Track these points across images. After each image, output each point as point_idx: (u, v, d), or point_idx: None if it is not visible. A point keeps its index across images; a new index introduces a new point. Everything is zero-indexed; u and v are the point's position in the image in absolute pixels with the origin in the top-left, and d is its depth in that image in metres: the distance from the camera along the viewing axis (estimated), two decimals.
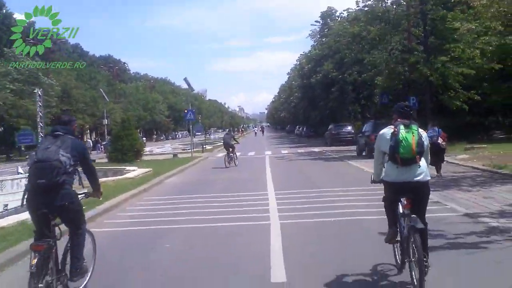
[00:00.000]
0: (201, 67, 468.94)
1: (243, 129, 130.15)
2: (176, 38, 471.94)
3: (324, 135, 46.44)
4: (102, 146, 51.41)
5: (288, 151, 36.44)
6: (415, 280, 5.25)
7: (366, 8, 30.21)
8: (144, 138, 76.04)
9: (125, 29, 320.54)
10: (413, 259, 5.33)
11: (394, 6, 28.91)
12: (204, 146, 40.61)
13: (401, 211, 5.81)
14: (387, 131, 5.78)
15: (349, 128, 41.86)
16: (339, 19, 44.25)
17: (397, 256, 6.16)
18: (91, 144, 59.12)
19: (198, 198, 13.54)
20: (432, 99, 27.40)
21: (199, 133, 46.31)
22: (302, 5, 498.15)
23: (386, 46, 30.64)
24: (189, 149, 36.57)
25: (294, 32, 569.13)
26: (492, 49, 25.73)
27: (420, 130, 5.68)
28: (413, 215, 5.48)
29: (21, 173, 22.63)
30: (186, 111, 36.29)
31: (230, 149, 25.08)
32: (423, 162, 5.62)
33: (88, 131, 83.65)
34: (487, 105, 33.88)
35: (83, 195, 5.95)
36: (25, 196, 5.25)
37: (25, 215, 9.38)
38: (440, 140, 15.43)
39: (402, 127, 5.58)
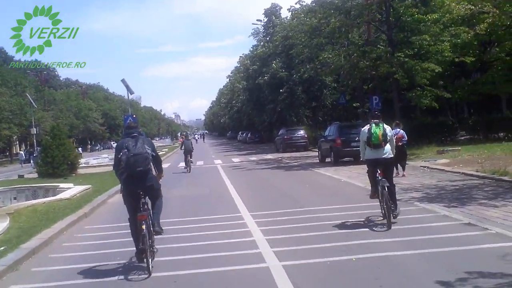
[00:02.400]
0: (135, 73, 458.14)
1: (183, 136, 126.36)
2: (108, 43, 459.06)
3: (274, 140, 43.89)
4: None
5: (240, 159, 33.60)
6: (386, 219, 8.98)
7: None
8: (80, 149, 71.16)
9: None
10: (384, 206, 9.10)
11: None
12: None
13: (377, 177, 9.39)
14: (365, 128, 9.50)
15: (302, 132, 39.43)
16: (291, 13, 41.45)
17: (382, 209, 9.36)
18: (24, 157, 54.08)
19: None
20: (399, 97, 25.29)
21: None
22: (234, 9, 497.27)
23: (344, 40, 28.48)
24: None
25: (228, 37, 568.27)
26: (460, 41, 23.91)
27: (386, 126, 9.46)
28: (383, 179, 9.23)
29: None
30: (125, 116, 32.70)
31: (189, 155, 25.86)
32: (387, 146, 9.35)
33: (17, 142, 77.83)
34: (450, 104, 32.69)
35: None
36: (123, 183, 7.42)
37: None
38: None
39: (373, 125, 9.29)
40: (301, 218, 10.37)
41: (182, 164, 28.51)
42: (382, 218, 9.30)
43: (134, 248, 7.48)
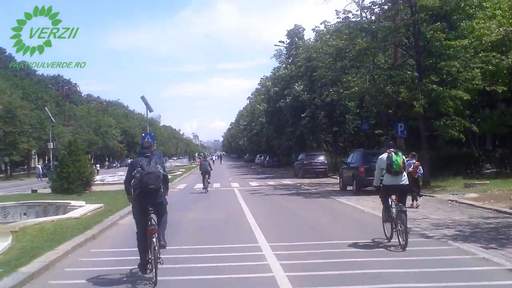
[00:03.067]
0: (155, 91, 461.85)
1: (201, 157, 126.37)
2: (130, 61, 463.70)
3: (293, 165, 42.98)
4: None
5: (257, 183, 32.74)
6: (400, 241, 9.70)
7: (348, 20, 27.23)
8: (98, 165, 70.87)
9: (76, 50, 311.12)
10: (400, 229, 9.82)
11: (380, 16, 26.07)
12: None
13: (390, 203, 10.34)
14: (383, 156, 10.33)
15: (322, 158, 38.49)
16: (315, 34, 40.72)
17: (386, 232, 10.49)
18: (41, 171, 53.65)
19: (165, 254, 9.72)
20: (427, 126, 24.26)
21: None
22: (255, 31, 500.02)
23: (369, 64, 27.62)
24: None
25: (248, 58, 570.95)
26: (492, 68, 22.88)
27: (401, 155, 10.34)
28: (400, 203, 10.06)
29: None
30: (143, 135, 32.15)
31: (207, 176, 26.05)
32: (405, 174, 10.35)
33: (36, 156, 77.87)
34: (473, 135, 31.48)
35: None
36: (135, 199, 8.02)
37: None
38: (411, 169, 16.51)
39: (393, 153, 10.18)
40: (326, 253, 9.50)
41: (199, 185, 28.30)
42: (387, 241, 10.32)
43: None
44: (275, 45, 54.40)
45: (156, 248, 7.64)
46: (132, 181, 8.02)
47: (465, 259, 8.75)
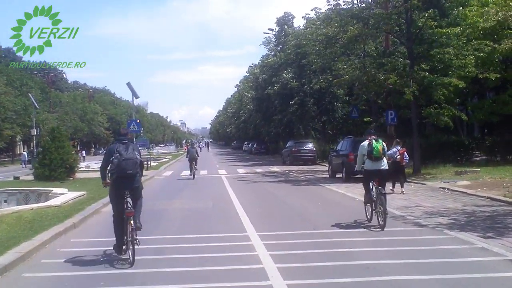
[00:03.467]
0: (143, 79, 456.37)
1: (188, 144, 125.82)
2: (118, 48, 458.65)
3: (281, 152, 42.54)
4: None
5: (245, 170, 32.30)
6: (380, 222, 10.35)
7: (339, 6, 26.68)
8: (84, 152, 70.00)
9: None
10: (379, 210, 10.42)
11: (371, 3, 25.60)
12: (149, 163, 35.70)
13: (371, 186, 10.99)
14: (365, 143, 11.08)
15: (310, 145, 38.06)
16: (305, 21, 40.00)
17: (367, 213, 11.23)
18: (26, 158, 52.77)
19: (147, 243, 9.23)
20: (418, 113, 23.89)
21: (142, 148, 41.43)
22: (244, 20, 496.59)
23: (359, 51, 27.25)
24: None
25: (237, 47, 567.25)
26: (483, 55, 22.50)
27: (382, 141, 11.12)
28: (380, 187, 10.72)
29: None
30: (129, 121, 31.56)
31: (194, 162, 26.41)
32: (385, 159, 11.09)
33: (21, 143, 76.77)
34: (461, 122, 31.25)
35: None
36: (112, 184, 8.32)
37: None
38: (398, 158, 17.29)
39: (373, 140, 10.89)
40: (316, 243, 9.10)
41: (185, 172, 28.40)
42: (368, 222, 10.97)
43: (122, 272, 7.51)
44: (264, 32, 53.71)
45: (133, 229, 7.95)
46: (109, 166, 8.31)
47: (464, 249, 8.36)
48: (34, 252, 8.66)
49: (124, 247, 8.16)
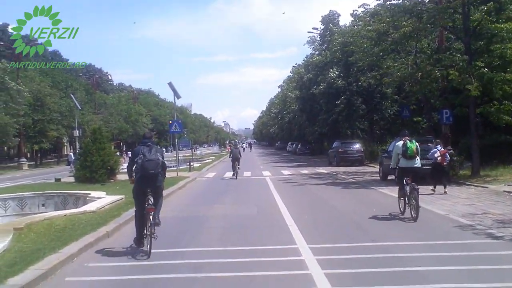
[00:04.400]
0: (187, 81, 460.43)
1: (231, 144, 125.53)
2: (162, 51, 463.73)
3: (327, 153, 41.05)
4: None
5: (290, 171, 31.05)
6: (412, 214, 11.38)
7: (389, 1, 25.21)
8: (129, 153, 70.04)
9: (109, 39, 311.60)
10: (413, 204, 11.43)
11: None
12: (191, 164, 34.91)
13: (405, 182, 11.95)
14: (400, 143, 12.38)
15: (358, 146, 36.51)
16: (353, 18, 38.27)
17: (400, 207, 12.31)
18: (72, 158, 52.72)
19: (184, 257, 8.18)
20: (475, 112, 22.17)
21: (185, 148, 40.90)
22: (287, 22, 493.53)
23: (411, 48, 25.71)
24: (174, 167, 30.48)
25: (280, 49, 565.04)
26: None
27: (415, 142, 12.36)
28: (413, 183, 11.62)
29: None
30: (170, 122, 30.81)
31: (237, 162, 26.78)
32: (418, 158, 12.22)
33: (68, 144, 77.61)
34: None
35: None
36: (136, 182, 8.96)
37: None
38: (439, 159, 17.23)
39: (407, 141, 12.13)
40: (376, 259, 7.86)
41: (229, 173, 28.25)
42: (401, 215, 12.07)
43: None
44: (308, 32, 52.52)
45: (152, 224, 8.70)
46: (134, 166, 8.97)
47: None
48: (58, 268, 7.71)
49: (144, 240, 8.78)
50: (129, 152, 68.22)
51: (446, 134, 24.24)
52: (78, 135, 51.70)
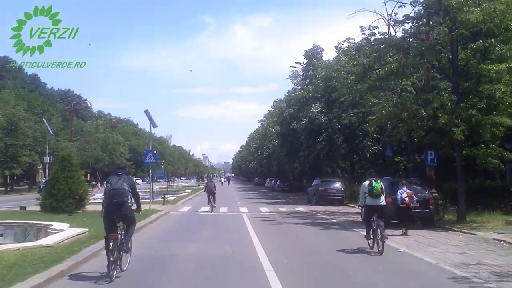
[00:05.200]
0: (168, 112, 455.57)
1: (208, 178, 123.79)
2: (143, 81, 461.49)
3: (307, 191, 40.02)
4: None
5: (268, 209, 29.86)
6: (378, 249, 12.31)
7: (375, 36, 24.69)
8: (99, 183, 68.48)
9: (90, 67, 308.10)
10: (378, 238, 12.36)
11: (411, 33, 23.70)
12: (166, 197, 33.54)
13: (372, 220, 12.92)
14: (366, 183, 13.40)
15: (338, 184, 35.53)
16: (337, 51, 37.47)
17: (369, 242, 13.16)
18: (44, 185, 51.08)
19: None
20: (460, 154, 21.42)
21: (161, 180, 39.55)
22: (269, 59, 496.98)
23: (396, 86, 25.03)
24: (147, 199, 29.10)
25: (261, 84, 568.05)
26: None
27: (380, 182, 13.35)
28: (378, 219, 12.72)
29: None
30: (145, 151, 29.65)
31: (212, 196, 27.26)
32: (383, 197, 13.27)
33: (42, 171, 75.58)
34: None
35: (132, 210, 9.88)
36: (102, 210, 9.43)
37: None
38: (407, 199, 17.28)
39: (373, 181, 13.15)
40: None
41: (204, 208, 27.75)
42: (369, 249, 12.93)
43: None
44: (291, 66, 52.03)
45: (114, 251, 9.01)
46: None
47: None
48: None
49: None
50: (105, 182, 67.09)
51: (430, 176, 23.47)
52: (48, 161, 49.90)
